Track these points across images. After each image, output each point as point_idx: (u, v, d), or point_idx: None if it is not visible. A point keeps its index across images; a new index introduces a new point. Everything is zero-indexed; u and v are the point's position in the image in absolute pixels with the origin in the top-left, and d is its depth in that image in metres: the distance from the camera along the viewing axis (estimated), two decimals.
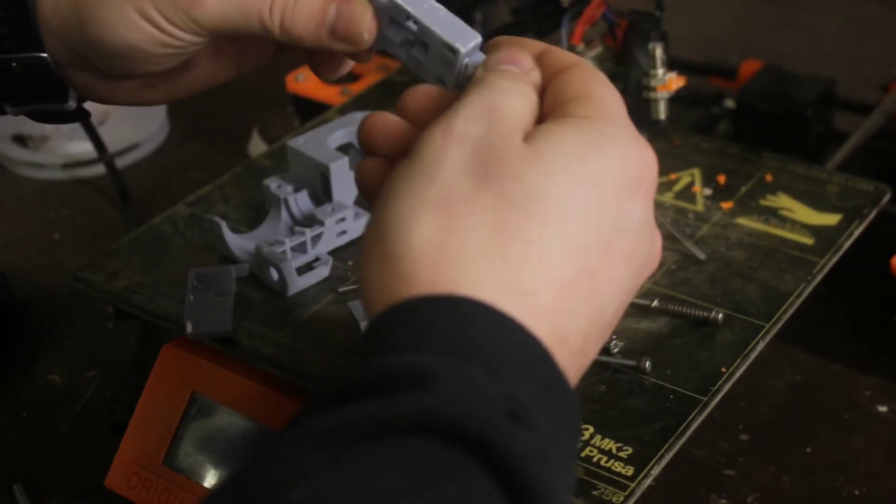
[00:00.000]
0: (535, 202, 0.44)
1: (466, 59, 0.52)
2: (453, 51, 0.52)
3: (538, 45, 0.51)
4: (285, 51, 0.61)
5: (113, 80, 0.59)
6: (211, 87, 0.62)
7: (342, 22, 0.55)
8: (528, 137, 0.47)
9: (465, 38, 0.53)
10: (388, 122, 0.52)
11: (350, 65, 0.60)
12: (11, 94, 0.59)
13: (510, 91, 0.48)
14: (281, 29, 0.55)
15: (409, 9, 0.54)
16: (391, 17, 0.55)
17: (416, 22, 0.54)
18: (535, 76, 0.50)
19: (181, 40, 0.56)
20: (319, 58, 0.59)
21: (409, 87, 0.52)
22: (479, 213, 0.44)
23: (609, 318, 0.48)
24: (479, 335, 0.42)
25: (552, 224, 0.44)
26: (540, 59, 0.51)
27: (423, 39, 0.54)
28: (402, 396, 0.39)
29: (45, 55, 0.57)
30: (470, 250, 0.43)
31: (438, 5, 0.54)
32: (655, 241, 0.50)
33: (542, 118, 0.49)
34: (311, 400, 0.42)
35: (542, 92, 0.50)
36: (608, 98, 0.49)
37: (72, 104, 0.60)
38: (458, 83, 0.53)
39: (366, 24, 0.55)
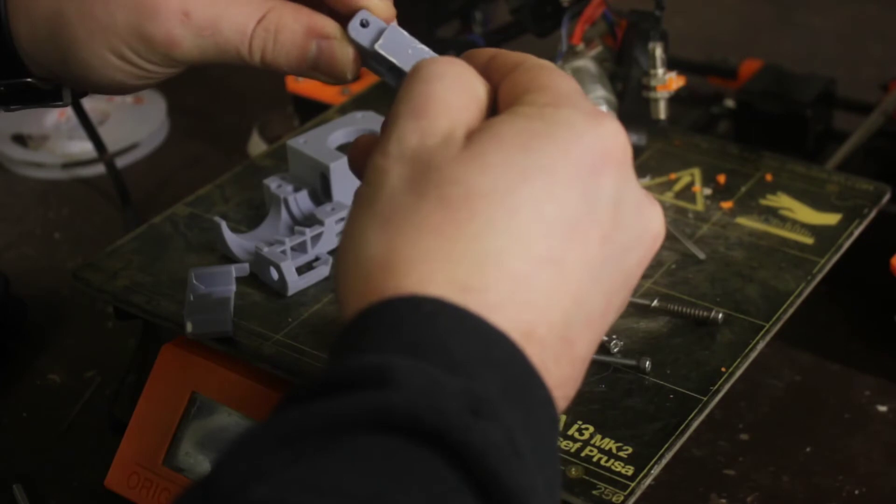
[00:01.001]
0: (478, 202, 0.44)
1: None
2: None
3: (486, 52, 0.51)
4: None
5: None
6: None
7: (324, 59, 0.56)
8: (471, 134, 0.46)
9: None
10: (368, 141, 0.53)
11: None
12: (6, 103, 0.61)
13: (439, 76, 0.48)
14: (262, 63, 0.56)
15: (393, 60, 0.54)
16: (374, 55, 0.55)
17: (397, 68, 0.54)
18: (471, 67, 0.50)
19: (160, 73, 0.57)
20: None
21: None
22: (422, 221, 0.44)
23: (598, 305, 0.46)
24: (439, 334, 0.42)
25: (499, 220, 0.44)
26: (489, 65, 0.50)
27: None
28: (361, 395, 0.39)
29: (30, 80, 0.59)
30: (415, 258, 0.44)
31: (422, 47, 0.54)
32: (647, 214, 0.48)
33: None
34: (278, 402, 0.42)
35: (496, 96, 0.49)
36: (557, 85, 0.48)
37: (67, 100, 0.61)
38: None
39: (349, 65, 0.56)
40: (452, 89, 0.48)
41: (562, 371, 0.45)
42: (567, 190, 0.45)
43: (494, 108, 0.49)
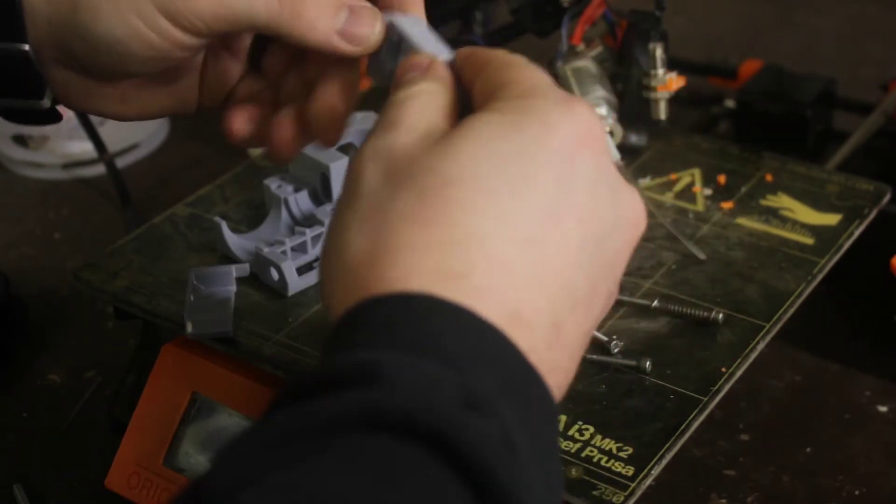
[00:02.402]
0: (453, 188, 0.44)
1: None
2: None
3: (461, 52, 0.52)
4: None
5: (91, 82, 0.57)
6: (181, 112, 0.61)
7: (353, 22, 0.54)
8: (446, 133, 0.47)
9: (438, 51, 0.53)
10: None
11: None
12: None
13: (411, 95, 0.49)
14: (288, 24, 0.54)
15: (408, 35, 0.54)
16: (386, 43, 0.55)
17: (405, 39, 0.54)
18: (439, 70, 0.51)
19: (169, 40, 0.54)
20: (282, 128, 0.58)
21: None
22: (401, 212, 0.44)
23: (582, 289, 0.46)
24: (432, 329, 0.42)
25: (478, 204, 0.44)
26: (462, 67, 0.51)
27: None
28: (350, 394, 0.39)
29: (26, 47, 0.55)
30: (397, 248, 0.44)
31: (429, 32, 0.55)
32: (622, 200, 0.48)
33: None
34: (268, 404, 0.41)
35: (471, 94, 0.50)
36: (526, 78, 0.48)
37: (46, 102, 0.57)
38: None
39: (376, 27, 0.55)
40: (427, 105, 0.49)
41: (553, 356, 0.45)
42: (543, 174, 0.45)
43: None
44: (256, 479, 0.36)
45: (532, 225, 0.44)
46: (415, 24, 0.55)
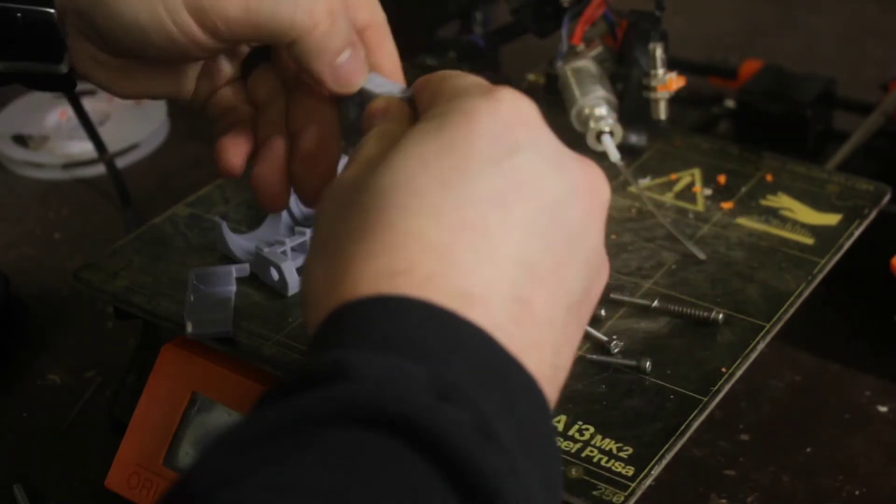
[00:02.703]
0: (388, 196, 0.46)
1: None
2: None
3: (415, 84, 0.55)
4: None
5: (102, 54, 0.59)
6: (176, 97, 0.63)
7: (352, 63, 0.57)
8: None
9: (394, 91, 0.58)
10: None
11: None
12: (7, 45, 0.58)
13: (368, 137, 0.52)
14: (309, 45, 0.56)
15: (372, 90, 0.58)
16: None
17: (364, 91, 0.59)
18: (393, 109, 0.54)
19: (189, 36, 0.56)
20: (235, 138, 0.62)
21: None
22: (346, 232, 0.46)
23: (544, 261, 0.46)
24: (399, 328, 0.43)
25: (411, 205, 0.45)
26: (416, 97, 0.54)
27: None
28: (321, 390, 0.40)
29: (52, 11, 0.57)
30: (344, 265, 0.45)
31: (382, 78, 0.59)
32: (569, 167, 0.48)
33: None
34: (250, 409, 0.43)
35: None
36: (455, 85, 0.51)
37: (64, 67, 0.59)
38: None
39: (366, 74, 0.58)
40: (380, 139, 0.51)
41: (525, 332, 0.45)
42: (472, 162, 0.46)
43: None
44: (236, 477, 0.37)
45: (469, 210, 0.45)
46: (372, 77, 0.59)
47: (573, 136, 0.80)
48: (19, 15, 0.57)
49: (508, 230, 0.46)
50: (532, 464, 0.42)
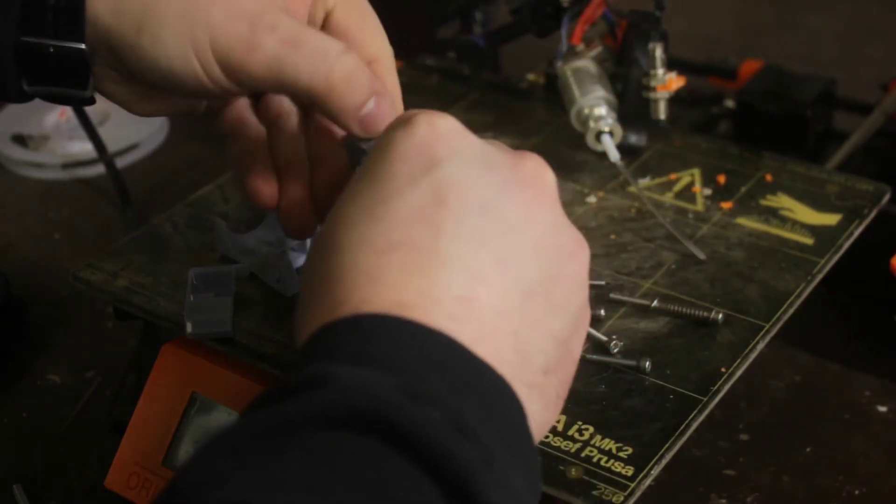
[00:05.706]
0: (329, 237, 0.50)
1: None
2: None
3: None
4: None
5: (125, 81, 0.61)
6: (190, 113, 0.65)
7: (375, 114, 0.58)
8: None
9: None
10: None
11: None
12: (36, 73, 0.60)
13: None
14: (327, 96, 0.57)
15: None
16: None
17: None
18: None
19: (217, 85, 0.58)
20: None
21: (409, 86, 0.53)
22: (309, 277, 0.51)
23: (484, 259, 0.48)
24: (380, 344, 0.46)
25: (345, 240, 0.49)
26: None
27: None
28: (303, 396, 0.43)
29: (83, 47, 0.58)
30: (308, 302, 0.50)
31: None
32: (503, 165, 0.51)
33: None
34: (238, 416, 0.46)
35: None
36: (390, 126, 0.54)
37: (89, 92, 0.61)
38: None
39: (391, 118, 0.58)
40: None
41: (475, 326, 0.47)
42: (393, 187, 0.49)
43: None
44: (225, 477, 0.39)
45: (393, 231, 0.48)
46: None
47: (573, 135, 0.81)
48: (52, 50, 0.59)
49: (436, 240, 0.48)
50: (513, 460, 0.45)
